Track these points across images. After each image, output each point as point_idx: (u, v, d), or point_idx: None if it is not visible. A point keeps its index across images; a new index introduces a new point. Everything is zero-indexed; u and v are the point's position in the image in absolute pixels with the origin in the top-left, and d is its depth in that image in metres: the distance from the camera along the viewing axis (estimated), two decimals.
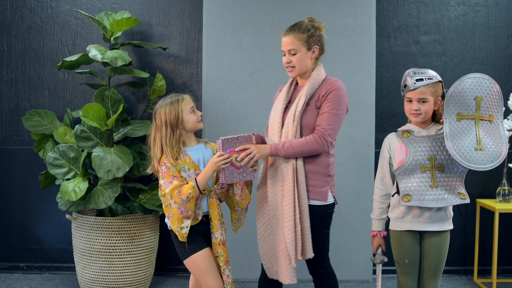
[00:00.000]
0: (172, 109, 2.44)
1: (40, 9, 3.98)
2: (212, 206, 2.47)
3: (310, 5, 3.77)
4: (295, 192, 2.42)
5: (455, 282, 3.92)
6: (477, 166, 2.25)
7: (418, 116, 2.39)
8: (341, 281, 3.80)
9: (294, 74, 2.54)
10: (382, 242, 2.53)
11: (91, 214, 3.66)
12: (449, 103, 2.30)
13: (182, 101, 2.47)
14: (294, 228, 2.40)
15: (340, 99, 2.47)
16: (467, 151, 2.26)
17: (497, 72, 4.01)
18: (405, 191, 2.36)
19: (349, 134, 3.77)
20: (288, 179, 2.43)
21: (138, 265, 3.44)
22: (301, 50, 2.48)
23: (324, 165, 2.50)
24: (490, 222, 3.78)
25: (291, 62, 2.49)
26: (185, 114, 2.46)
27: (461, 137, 2.29)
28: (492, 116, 2.32)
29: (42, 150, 3.65)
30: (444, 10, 4.00)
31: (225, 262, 2.47)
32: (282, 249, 2.46)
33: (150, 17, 3.97)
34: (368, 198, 3.75)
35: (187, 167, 2.44)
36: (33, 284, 3.76)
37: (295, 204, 2.41)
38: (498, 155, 2.28)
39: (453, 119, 2.30)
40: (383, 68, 3.98)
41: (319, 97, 2.48)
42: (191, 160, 2.46)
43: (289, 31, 2.49)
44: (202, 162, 2.49)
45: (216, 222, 2.47)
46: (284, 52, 2.51)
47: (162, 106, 2.47)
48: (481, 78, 2.30)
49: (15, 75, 4.01)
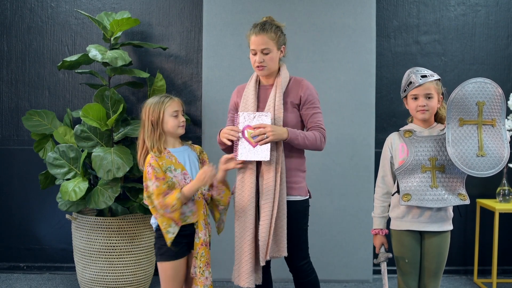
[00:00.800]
0: (155, 108, 2.49)
1: (40, 9, 3.98)
2: (198, 205, 2.47)
3: (310, 5, 3.77)
4: (275, 190, 2.43)
5: (455, 282, 3.92)
6: (479, 172, 2.26)
7: (425, 112, 2.39)
8: (341, 281, 3.81)
9: (265, 73, 2.53)
10: (384, 240, 2.53)
11: (91, 214, 3.66)
12: (451, 108, 2.29)
13: (168, 102, 2.50)
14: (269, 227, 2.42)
15: (318, 99, 2.58)
16: (469, 157, 2.26)
17: (497, 72, 4.01)
18: (405, 191, 2.37)
19: (349, 134, 3.77)
20: (269, 177, 2.44)
21: (138, 265, 3.44)
22: (273, 49, 2.50)
23: (302, 161, 2.59)
24: (490, 222, 3.78)
25: (264, 61, 2.48)
26: (166, 116, 2.49)
27: (463, 143, 2.29)
28: (494, 120, 2.32)
29: (42, 150, 3.65)
30: (444, 10, 4.00)
31: (206, 264, 2.46)
32: (246, 251, 2.46)
33: (150, 17, 3.97)
34: (368, 198, 3.75)
35: (173, 167, 2.46)
36: (33, 284, 3.76)
37: (274, 203, 2.43)
38: (500, 161, 2.28)
39: (455, 124, 2.30)
40: (383, 68, 3.98)
41: (297, 97, 2.52)
42: (177, 161, 2.48)
43: (261, 30, 2.48)
44: (188, 163, 2.51)
45: (200, 222, 2.46)
46: (255, 51, 2.50)
47: (148, 103, 2.52)
48: (483, 83, 2.29)
49: (15, 75, 4.01)
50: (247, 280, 2.44)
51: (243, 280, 2.45)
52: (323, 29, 3.77)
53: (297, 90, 2.54)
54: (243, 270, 2.46)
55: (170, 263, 2.45)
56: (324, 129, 2.54)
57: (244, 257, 2.47)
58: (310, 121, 2.53)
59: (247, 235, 2.47)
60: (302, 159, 2.59)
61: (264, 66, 2.50)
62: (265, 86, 2.59)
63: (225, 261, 3.76)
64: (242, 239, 2.50)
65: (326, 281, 3.76)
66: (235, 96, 2.68)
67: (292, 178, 2.51)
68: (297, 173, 2.54)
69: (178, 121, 2.51)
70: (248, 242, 2.46)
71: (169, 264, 2.45)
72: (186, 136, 3.86)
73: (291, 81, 2.57)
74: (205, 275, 2.46)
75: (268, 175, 2.44)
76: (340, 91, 3.78)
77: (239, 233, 2.52)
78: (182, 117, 2.55)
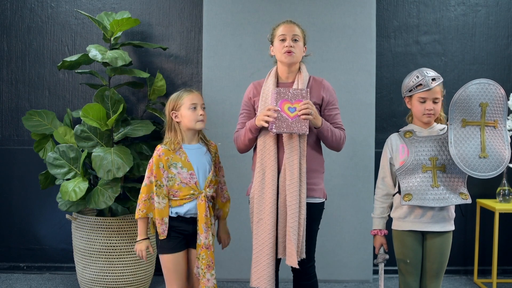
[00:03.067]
0: (174, 100, 2.51)
1: (40, 9, 3.98)
2: (200, 208, 2.45)
3: (310, 5, 3.77)
4: (301, 191, 2.40)
5: (455, 282, 3.92)
6: (480, 174, 2.27)
7: (431, 116, 2.39)
8: (341, 281, 3.81)
9: (292, 60, 2.48)
10: (383, 241, 2.53)
11: (91, 214, 3.66)
12: (454, 109, 2.29)
13: (187, 95, 2.50)
14: (298, 229, 2.39)
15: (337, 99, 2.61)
16: (471, 159, 2.27)
17: (497, 72, 4.01)
18: (406, 191, 2.37)
19: (349, 134, 3.75)
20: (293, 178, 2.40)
21: (138, 265, 3.44)
22: (301, 41, 2.52)
23: (322, 162, 2.57)
24: (490, 222, 3.78)
25: (293, 47, 2.47)
26: (183, 108, 2.47)
27: (466, 144, 2.29)
28: (496, 121, 2.32)
29: (42, 150, 3.65)
30: (444, 10, 4.00)
31: (207, 266, 2.46)
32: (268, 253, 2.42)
33: (150, 17, 3.97)
34: (368, 198, 3.75)
35: (181, 165, 2.45)
36: (33, 284, 3.76)
37: (300, 204, 2.40)
38: (501, 162, 2.29)
39: (458, 125, 2.30)
40: (383, 68, 3.98)
41: (319, 97, 2.50)
42: (187, 159, 2.46)
43: (292, 22, 2.54)
44: (196, 164, 2.48)
45: (202, 225, 2.44)
46: (284, 37, 2.48)
47: (170, 97, 2.56)
48: (486, 84, 2.29)
49: (15, 75, 4.01)
50: (269, 283, 2.41)
51: (263, 283, 2.41)
52: (323, 29, 3.77)
53: (318, 91, 2.51)
54: (265, 273, 2.41)
55: (167, 256, 2.48)
56: (344, 129, 2.55)
57: (264, 260, 2.42)
58: (332, 122, 2.52)
59: (269, 238, 2.42)
60: (322, 160, 2.57)
61: (293, 52, 2.46)
62: (285, 83, 2.54)
63: (226, 261, 3.76)
64: (263, 242, 2.44)
65: (326, 281, 3.76)
66: (250, 92, 2.60)
67: (312, 179, 2.48)
68: (317, 174, 2.51)
69: (195, 114, 2.46)
70: (270, 245, 2.41)
71: (166, 257, 2.49)
72: None
73: (311, 80, 2.55)
74: (207, 277, 2.46)
75: (291, 176, 2.39)
76: (340, 91, 3.76)
77: (259, 235, 2.46)
78: (201, 110, 2.49)
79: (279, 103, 2.35)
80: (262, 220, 2.45)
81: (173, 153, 2.45)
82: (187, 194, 2.45)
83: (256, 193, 2.47)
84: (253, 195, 2.49)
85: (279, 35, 2.49)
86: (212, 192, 2.52)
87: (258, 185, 2.47)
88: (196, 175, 2.47)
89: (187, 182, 2.44)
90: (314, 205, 2.48)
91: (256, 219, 2.47)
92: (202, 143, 2.58)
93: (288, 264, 2.42)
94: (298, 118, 2.34)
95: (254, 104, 2.57)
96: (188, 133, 2.51)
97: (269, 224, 2.42)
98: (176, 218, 2.48)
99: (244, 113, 2.61)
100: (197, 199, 2.46)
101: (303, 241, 2.43)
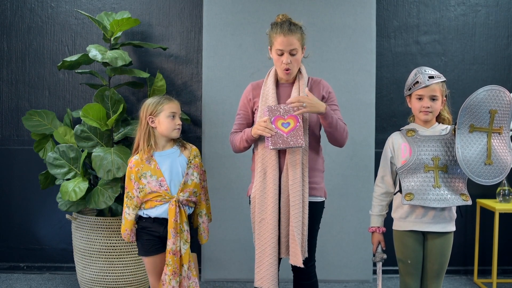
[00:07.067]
0: (154, 105, 2.50)
1: (40, 9, 3.98)
2: (170, 213, 2.44)
3: (310, 5, 3.77)
4: (303, 190, 2.40)
5: (455, 282, 3.92)
6: (485, 180, 2.28)
7: (428, 114, 2.39)
8: (341, 281, 3.81)
9: (289, 77, 2.48)
10: (381, 238, 2.53)
11: (91, 214, 3.66)
12: (464, 114, 2.29)
13: (166, 103, 2.50)
14: (302, 228, 2.39)
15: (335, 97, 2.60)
16: (477, 166, 2.27)
17: (497, 72, 4.01)
18: (407, 190, 2.37)
19: (349, 134, 3.71)
20: (295, 177, 2.39)
21: (138, 265, 3.44)
22: (299, 50, 2.45)
23: (322, 161, 2.57)
24: (490, 222, 3.78)
25: (291, 63, 2.42)
26: (162, 115, 2.47)
27: (472, 149, 2.29)
28: (502, 127, 2.32)
29: (42, 150, 3.65)
30: (444, 10, 4.00)
31: (173, 273, 2.43)
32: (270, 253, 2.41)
33: (150, 17, 3.97)
34: (368, 198, 3.73)
35: (150, 173, 2.46)
36: (33, 284, 3.76)
37: (303, 203, 2.40)
38: (504, 169, 2.30)
39: (465, 130, 2.30)
40: (383, 68, 3.98)
41: (319, 96, 2.50)
42: (156, 166, 2.46)
43: (290, 31, 2.41)
44: (168, 169, 2.48)
45: (170, 230, 2.43)
46: (282, 52, 2.42)
47: (147, 102, 2.53)
48: (497, 91, 2.28)
49: (15, 75, 4.01)
50: (272, 284, 2.40)
51: (266, 283, 2.41)
52: (323, 29, 3.77)
53: (318, 90, 2.51)
54: (268, 273, 2.41)
55: (144, 258, 2.55)
56: (346, 124, 2.54)
57: (267, 260, 2.42)
58: None
59: (272, 237, 2.41)
60: (322, 159, 2.58)
61: (290, 70, 2.44)
62: (285, 84, 2.53)
63: (226, 261, 3.76)
64: (265, 241, 2.43)
65: (326, 281, 3.76)
66: (250, 94, 2.58)
67: (313, 178, 2.48)
68: (318, 173, 2.51)
69: (174, 123, 2.48)
70: (272, 245, 2.41)
71: (144, 259, 2.57)
72: (186, 137, 3.88)
73: (310, 81, 2.55)
74: (172, 284, 2.42)
75: (294, 175, 2.39)
76: (340, 91, 3.77)
77: (262, 235, 2.45)
78: (178, 120, 2.52)
79: (272, 120, 2.38)
80: (264, 220, 2.44)
81: (143, 162, 2.46)
82: (159, 198, 2.47)
83: (258, 193, 2.46)
84: (254, 195, 2.48)
85: (276, 48, 2.43)
86: (187, 196, 2.50)
87: (260, 184, 2.46)
88: (167, 181, 2.46)
89: (157, 190, 2.45)
90: (315, 204, 2.48)
91: (258, 219, 2.46)
92: (178, 147, 2.56)
93: (293, 264, 2.42)
94: (292, 132, 2.37)
95: (254, 105, 2.56)
96: (162, 139, 2.52)
97: (271, 223, 2.41)
98: (148, 218, 2.50)
99: (241, 114, 2.61)
100: (168, 203, 2.46)
101: (306, 240, 2.43)
